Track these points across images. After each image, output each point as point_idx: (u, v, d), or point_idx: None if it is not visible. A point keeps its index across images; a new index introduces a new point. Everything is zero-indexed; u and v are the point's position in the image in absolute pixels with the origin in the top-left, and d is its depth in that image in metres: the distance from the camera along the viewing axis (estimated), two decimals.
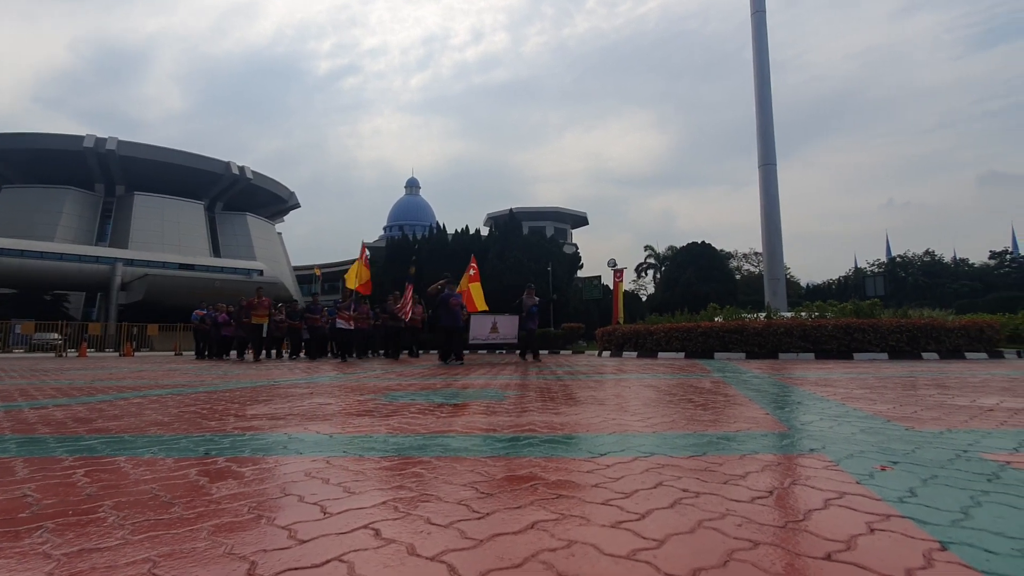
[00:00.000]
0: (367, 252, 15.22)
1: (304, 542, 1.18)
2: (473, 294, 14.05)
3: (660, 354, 13.16)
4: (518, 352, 13.18)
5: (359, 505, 1.41)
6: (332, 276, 57.28)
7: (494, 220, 45.68)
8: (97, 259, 46.46)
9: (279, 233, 73.23)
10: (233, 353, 16.53)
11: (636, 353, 14.06)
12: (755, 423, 2.72)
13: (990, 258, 50.52)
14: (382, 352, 16.44)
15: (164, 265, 48.44)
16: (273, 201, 71.03)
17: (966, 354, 11.58)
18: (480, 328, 12.67)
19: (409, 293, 13.82)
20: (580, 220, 62.91)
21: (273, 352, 16.59)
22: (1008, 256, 49.54)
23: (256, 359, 13.57)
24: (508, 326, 12.76)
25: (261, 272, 53.48)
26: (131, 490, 1.62)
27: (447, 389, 4.82)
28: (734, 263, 53.23)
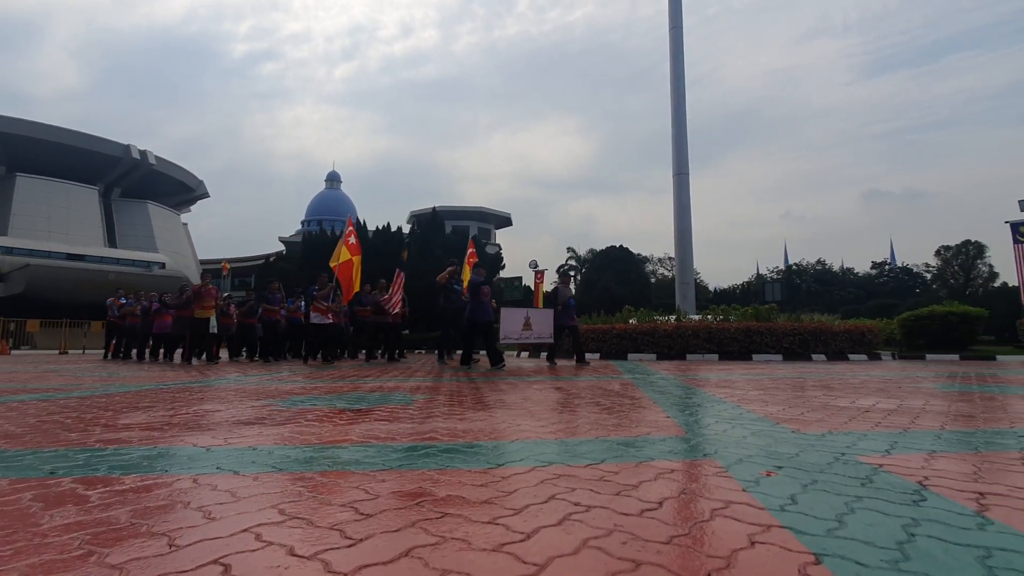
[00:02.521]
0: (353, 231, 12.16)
1: None
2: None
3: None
4: (546, 355, 11.12)
5: (215, 534, 1.25)
6: (242, 272, 54.22)
7: (417, 218, 45.01)
8: None
9: (185, 224, 68.37)
10: (166, 353, 13.34)
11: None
12: (655, 427, 2.76)
13: (872, 268, 55.90)
14: (358, 352, 14.27)
15: (49, 255, 43.92)
16: (179, 189, 66.18)
17: (849, 356, 12.65)
18: (511, 324, 10.20)
19: (399, 282, 11.85)
20: (504, 221, 63.23)
21: (223, 353, 13.94)
22: (887, 267, 55.00)
23: (203, 359, 11.29)
24: (543, 322, 10.57)
25: (163, 265, 49.76)
26: None
27: (354, 392, 4.61)
28: (650, 267, 55.56)
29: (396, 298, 11.55)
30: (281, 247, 52.38)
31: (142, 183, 60.38)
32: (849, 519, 1.33)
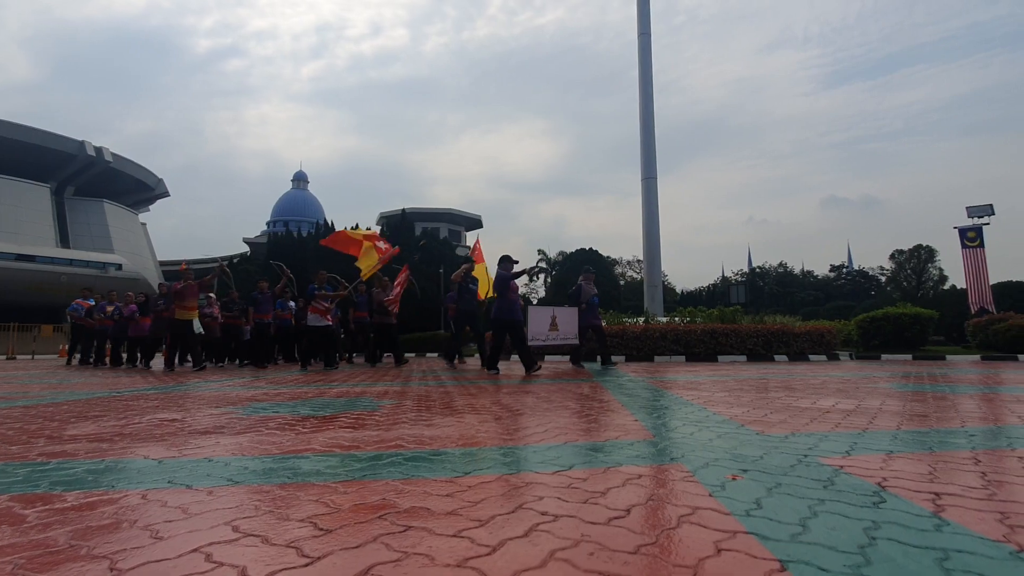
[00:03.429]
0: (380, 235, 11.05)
1: None
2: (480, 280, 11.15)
3: (546, 357, 13.44)
4: (570, 358, 10.18)
5: (162, 556, 1.18)
6: (203, 274, 52.74)
7: (386, 220, 44.58)
8: None
9: (143, 224, 66.08)
10: (143, 358, 12.00)
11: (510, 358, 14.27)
12: (624, 431, 2.76)
13: (830, 271, 57.79)
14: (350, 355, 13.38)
15: None
16: (137, 188, 63.92)
17: (809, 356, 13.00)
18: (539, 324, 9.00)
19: (404, 278, 10.75)
20: (474, 222, 63.18)
21: (213, 358, 12.56)
22: (844, 270, 56.92)
23: (196, 366, 9.78)
24: (568, 321, 9.53)
25: (119, 266, 48.05)
26: None
27: (319, 399, 4.50)
28: (619, 269, 56.13)
29: (396, 293, 10.64)
30: (245, 248, 51.14)
31: (97, 181, 58.08)
32: (812, 523, 1.34)
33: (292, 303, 12.34)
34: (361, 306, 11.66)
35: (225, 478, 1.86)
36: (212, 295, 12.04)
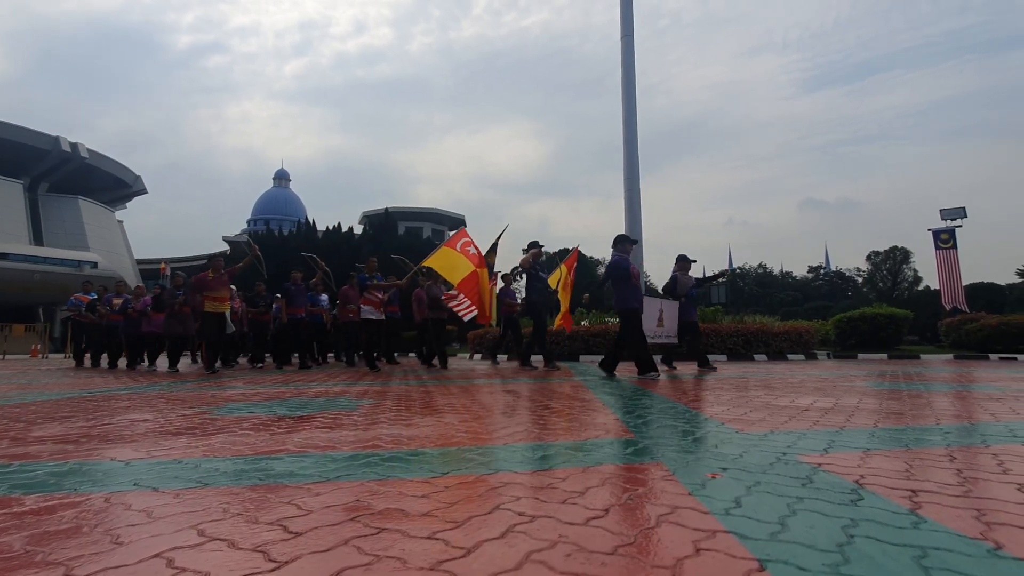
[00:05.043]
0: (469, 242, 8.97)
1: None
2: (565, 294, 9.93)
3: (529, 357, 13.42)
4: (661, 358, 8.41)
5: (121, 562, 1.13)
6: (184, 272, 51.89)
7: (369, 219, 44.25)
8: None
9: (120, 221, 64.78)
10: (152, 357, 10.90)
11: (507, 356, 14.24)
12: (604, 430, 2.75)
13: (808, 272, 58.71)
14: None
15: None
16: (114, 185, 62.72)
17: (788, 356, 13.17)
18: (648, 320, 7.86)
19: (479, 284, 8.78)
20: (458, 222, 62.94)
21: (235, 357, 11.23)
22: (822, 271, 57.84)
23: (210, 368, 8.56)
24: (672, 317, 8.42)
25: (95, 264, 47.04)
26: None
27: (297, 398, 4.42)
28: (602, 270, 56.43)
29: (466, 302, 9.12)
30: (225, 247, 50.38)
31: (72, 177, 56.81)
32: (791, 522, 1.33)
33: (324, 296, 11.51)
34: (392, 300, 10.68)
35: (194, 480, 1.80)
36: (233, 287, 10.62)
